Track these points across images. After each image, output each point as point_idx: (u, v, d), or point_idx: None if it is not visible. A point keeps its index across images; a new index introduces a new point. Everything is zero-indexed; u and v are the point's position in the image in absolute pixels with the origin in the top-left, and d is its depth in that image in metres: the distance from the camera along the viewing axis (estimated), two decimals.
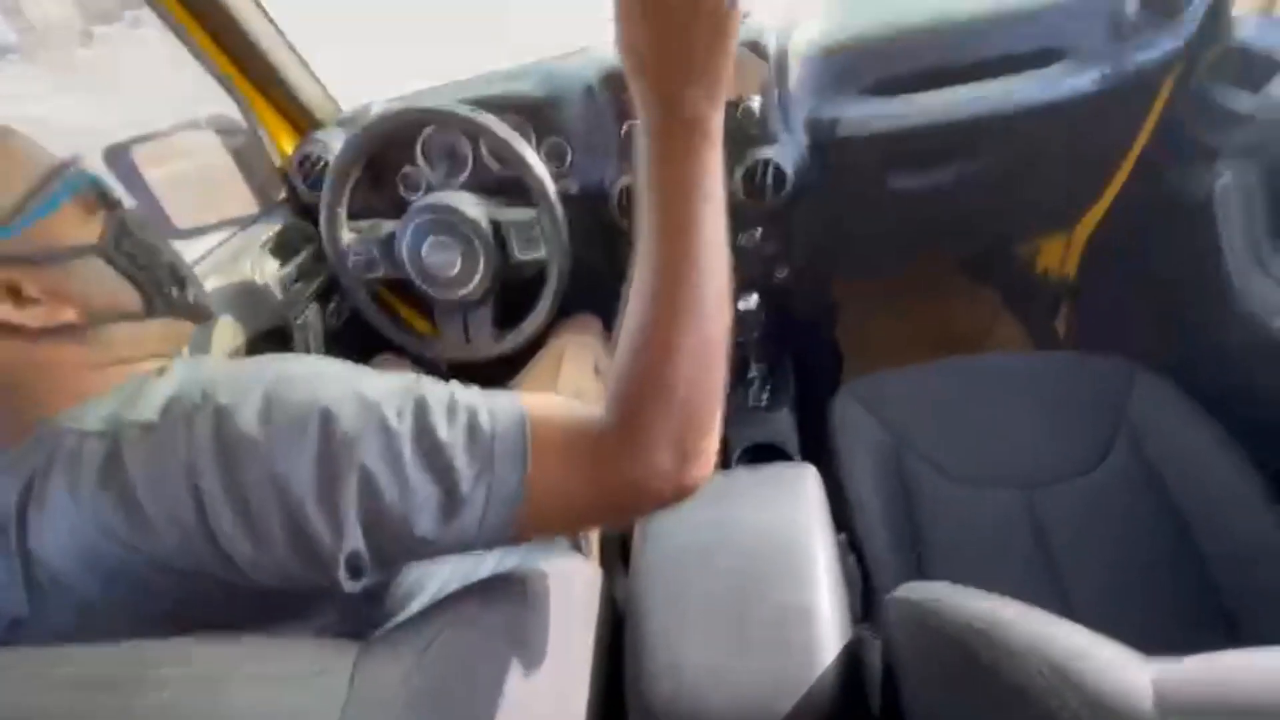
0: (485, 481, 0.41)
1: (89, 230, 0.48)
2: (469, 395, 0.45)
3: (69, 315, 0.45)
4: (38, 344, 0.45)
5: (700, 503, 0.74)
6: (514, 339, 1.12)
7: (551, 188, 1.02)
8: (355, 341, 1.27)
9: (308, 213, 1.22)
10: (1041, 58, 1.01)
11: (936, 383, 1.08)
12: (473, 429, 0.42)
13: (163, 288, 0.51)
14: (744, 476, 0.79)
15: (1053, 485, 0.94)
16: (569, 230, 1.05)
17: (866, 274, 1.58)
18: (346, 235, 1.10)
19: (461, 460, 0.41)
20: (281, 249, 1.21)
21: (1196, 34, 0.97)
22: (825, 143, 1.07)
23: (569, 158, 1.18)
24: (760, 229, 1.22)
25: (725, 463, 1.19)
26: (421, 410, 0.42)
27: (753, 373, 1.31)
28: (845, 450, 1.02)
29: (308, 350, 1.19)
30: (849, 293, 1.73)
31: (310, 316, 1.21)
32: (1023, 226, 1.44)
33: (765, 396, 1.26)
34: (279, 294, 1.14)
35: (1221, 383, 0.93)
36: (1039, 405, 1.01)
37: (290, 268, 1.20)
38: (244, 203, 1.29)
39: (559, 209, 1.03)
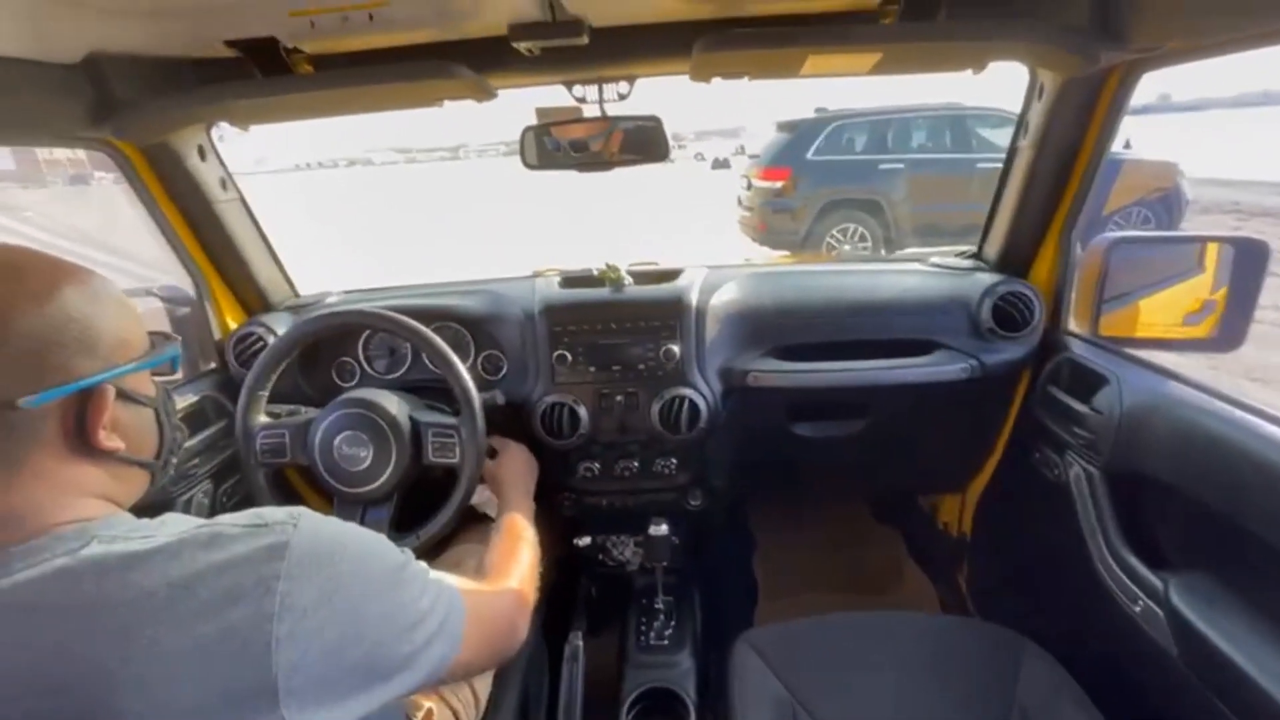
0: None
1: (152, 387, 0.60)
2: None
3: (118, 444, 0.53)
4: (84, 458, 0.52)
5: None
6: (407, 545, 1.07)
7: (477, 398, 1.07)
8: None
9: (234, 391, 1.23)
10: (919, 346, 1.18)
11: (835, 638, 1.07)
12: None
13: (171, 451, 0.62)
14: None
15: None
16: (490, 438, 1.07)
17: (775, 506, 1.63)
18: (261, 418, 1.10)
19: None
20: (192, 419, 1.19)
21: (1039, 346, 1.16)
22: (736, 389, 1.18)
23: (503, 370, 1.26)
24: (675, 459, 1.27)
25: (614, 709, 1.09)
26: None
27: (659, 604, 1.26)
28: (739, 706, 0.97)
29: None
30: (768, 532, 1.76)
31: (199, 495, 1.14)
32: (916, 482, 1.55)
33: (668, 633, 1.21)
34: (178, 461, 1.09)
35: (1102, 663, 0.95)
36: (933, 675, 1.00)
37: (195, 441, 1.16)
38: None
39: (481, 418, 1.06)
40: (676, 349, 1.15)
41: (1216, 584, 0.84)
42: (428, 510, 1.10)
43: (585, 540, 1.37)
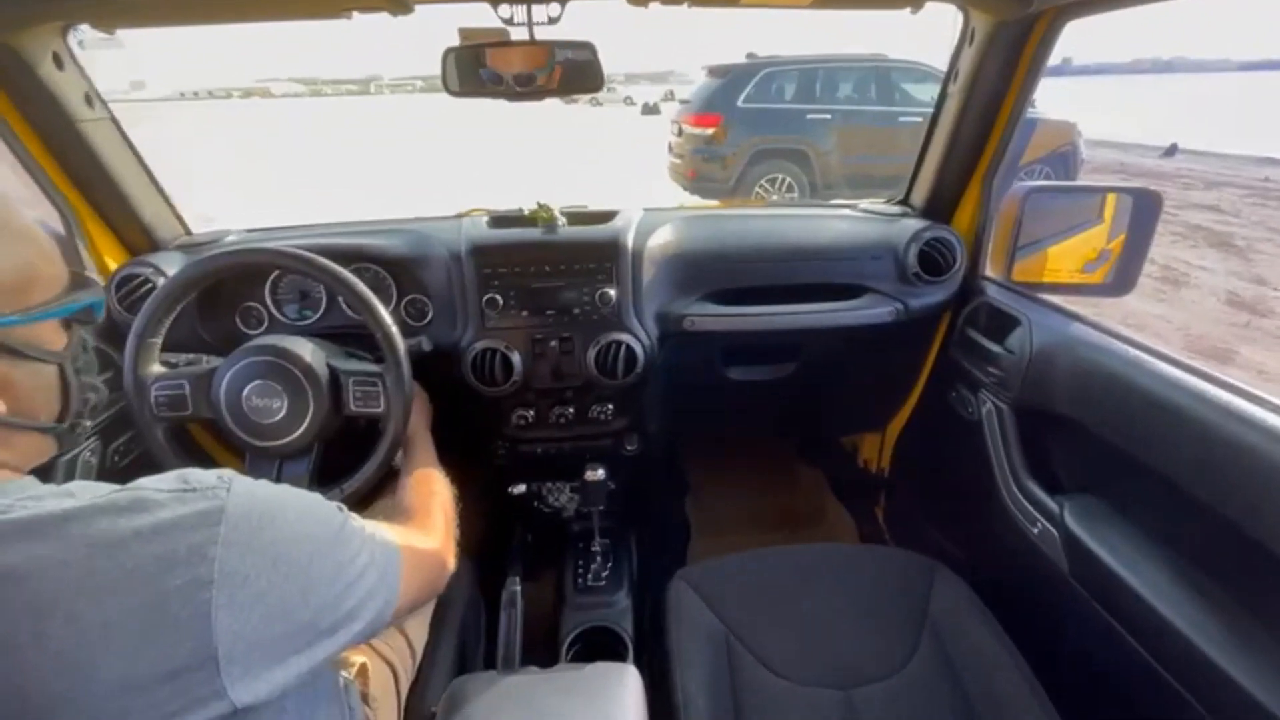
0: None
1: (59, 339, 0.53)
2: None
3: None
4: None
5: (517, 705, 0.68)
6: (331, 498, 1.02)
7: (401, 344, 1.00)
8: None
9: (119, 340, 1.10)
10: (849, 290, 1.21)
11: (764, 571, 1.12)
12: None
13: (79, 414, 0.56)
14: (563, 678, 0.74)
15: (867, 685, 0.96)
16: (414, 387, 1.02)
17: (705, 448, 1.67)
18: (155, 368, 0.99)
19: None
20: None
21: (959, 290, 1.22)
22: (672, 333, 1.17)
23: (429, 315, 1.19)
24: (611, 404, 1.26)
25: (554, 650, 1.11)
26: None
27: (595, 547, 1.27)
28: (676, 639, 1.00)
29: None
30: (699, 474, 1.80)
31: (85, 455, 1.03)
32: (840, 423, 1.62)
33: (605, 574, 1.22)
34: None
35: (1004, 581, 1.04)
36: (855, 600, 1.06)
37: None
38: None
39: (407, 365, 1.00)
40: (612, 293, 1.12)
41: (1105, 506, 0.92)
42: (349, 463, 1.05)
43: (520, 488, 1.35)
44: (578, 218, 1.20)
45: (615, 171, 9.12)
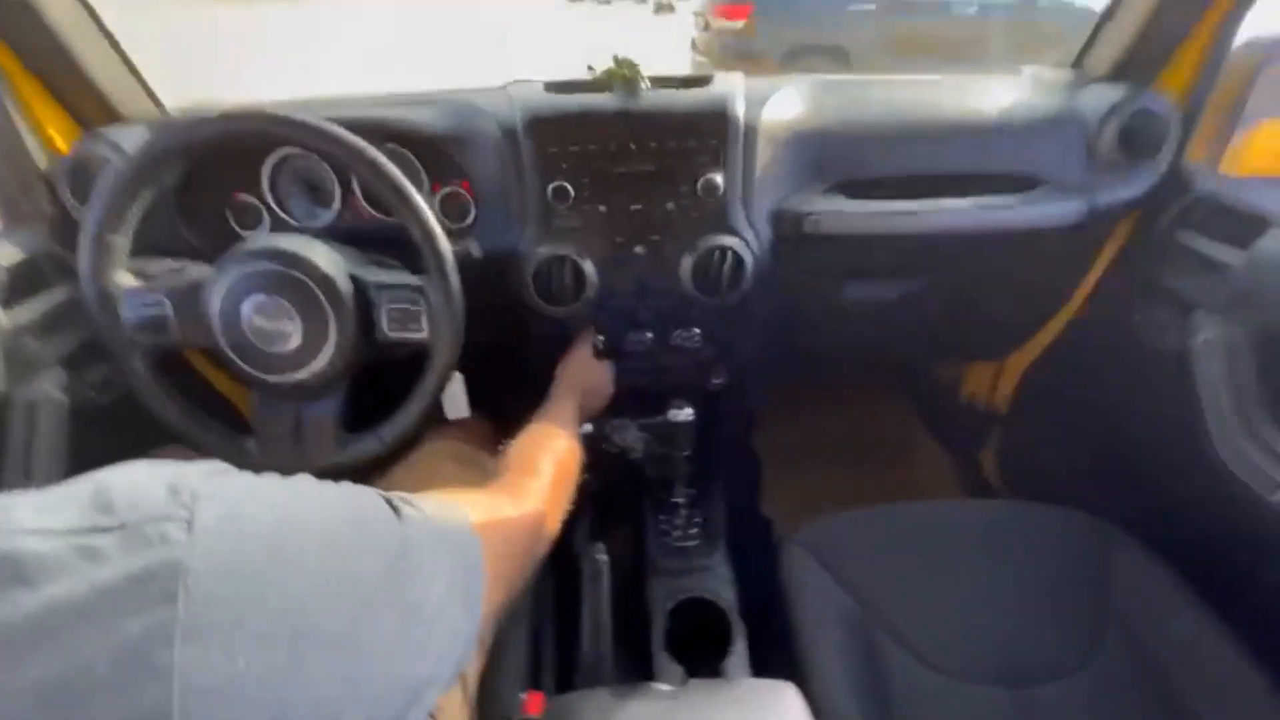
0: None
1: None
2: None
3: None
4: None
5: None
6: (365, 446, 0.80)
7: (447, 247, 0.75)
8: (122, 427, 0.87)
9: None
10: (1017, 181, 0.93)
11: (896, 533, 0.92)
12: None
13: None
14: (714, 697, 0.55)
15: (1044, 684, 0.77)
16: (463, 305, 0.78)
17: (799, 382, 1.43)
18: (124, 277, 0.75)
19: None
20: (20, 286, 0.82)
21: (1163, 180, 0.93)
22: (789, 237, 0.91)
23: (471, 213, 0.93)
24: (699, 329, 1.01)
25: (646, 620, 0.92)
26: None
27: (678, 496, 1.07)
28: (801, 617, 0.81)
29: (28, 441, 0.78)
30: (767, 406, 1.57)
31: (48, 390, 0.81)
32: (955, 350, 1.37)
33: (694, 531, 1.02)
34: None
35: (1211, 562, 0.83)
36: (1014, 572, 0.86)
37: (29, 314, 0.81)
38: None
39: (454, 277, 0.76)
40: (719, 180, 0.84)
41: None
42: (386, 401, 0.82)
43: (586, 427, 1.13)
44: (664, 81, 0.91)
45: None
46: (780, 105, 0.90)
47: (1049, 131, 0.93)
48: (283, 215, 0.94)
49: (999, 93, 0.96)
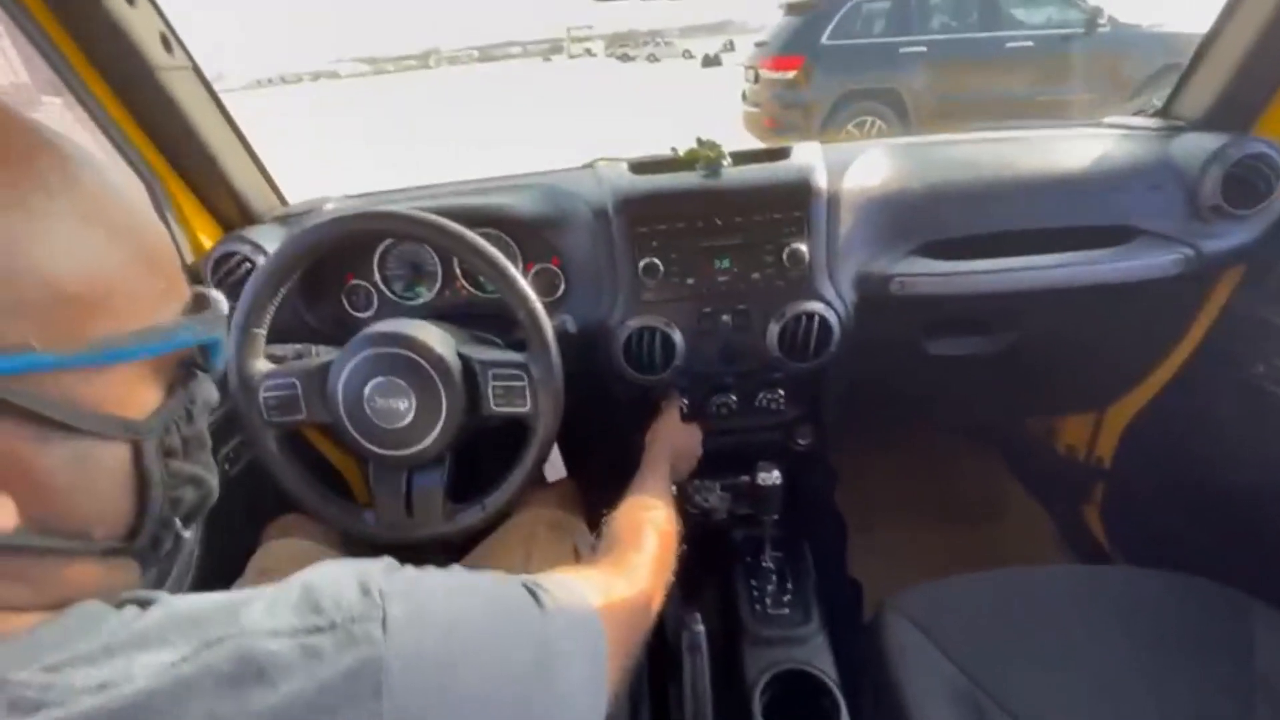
0: None
1: (148, 397, 0.32)
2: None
3: (8, 516, 0.27)
4: None
5: None
6: (471, 517, 0.84)
7: (549, 326, 0.80)
8: (248, 497, 0.95)
9: None
10: (1111, 234, 0.91)
11: (997, 601, 0.87)
12: None
13: (162, 523, 0.33)
14: None
15: None
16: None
17: (883, 439, 1.40)
18: (260, 364, 0.83)
19: None
20: None
21: (1272, 228, 0.89)
22: (872, 299, 0.91)
23: (561, 288, 0.98)
24: (783, 390, 1.02)
25: (742, 691, 0.90)
26: None
27: (767, 561, 1.05)
28: (905, 689, 0.77)
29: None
30: (851, 462, 1.54)
31: None
32: (1049, 403, 1.31)
33: (787, 599, 1.00)
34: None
35: None
36: (1140, 647, 0.80)
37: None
38: None
39: (556, 353, 0.80)
40: (804, 249, 0.87)
41: None
42: (486, 472, 0.86)
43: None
44: (745, 157, 0.95)
45: (685, 127, 8.68)
46: (861, 172, 0.92)
47: (1143, 182, 0.91)
48: (390, 295, 1.02)
49: (1085, 145, 0.96)
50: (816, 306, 0.88)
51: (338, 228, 0.79)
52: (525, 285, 0.79)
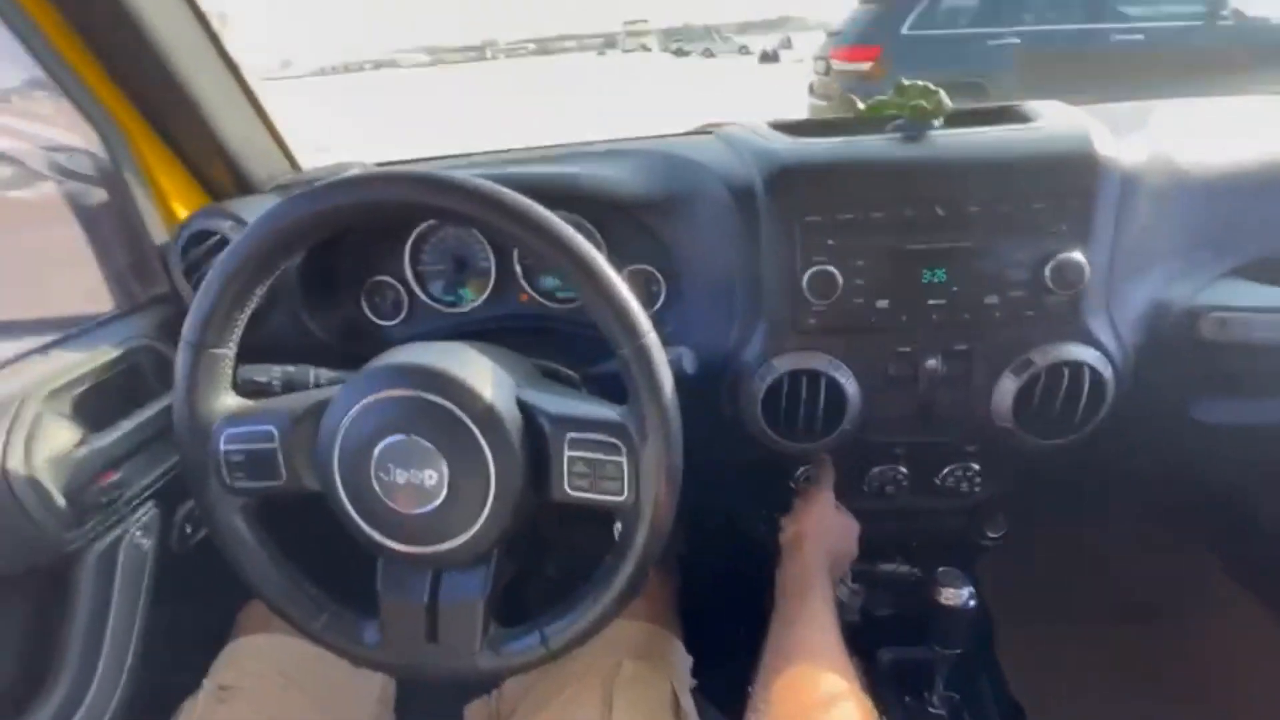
0: None
1: None
2: None
3: None
4: None
5: None
6: (526, 652, 0.54)
7: (665, 365, 0.49)
8: (212, 573, 0.67)
9: None
10: None
11: None
12: None
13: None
14: None
15: None
16: None
17: (1070, 522, 1.06)
18: (223, 401, 0.54)
19: None
20: (117, 391, 0.65)
21: None
22: (1164, 346, 0.58)
23: (660, 300, 0.68)
24: (978, 465, 0.70)
25: None
26: None
27: (937, 705, 0.73)
28: None
29: (102, 602, 0.59)
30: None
31: (134, 535, 0.62)
32: None
33: None
34: (76, 484, 0.56)
35: None
36: None
37: (118, 431, 0.63)
38: (85, 297, 0.74)
39: (674, 409, 0.50)
40: (1081, 260, 0.54)
41: None
42: (550, 579, 0.57)
43: None
44: (962, 117, 0.62)
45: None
46: (1157, 142, 0.58)
47: None
48: (424, 299, 0.73)
49: None
50: (1086, 355, 0.55)
51: (341, 194, 0.51)
52: (633, 301, 0.49)
